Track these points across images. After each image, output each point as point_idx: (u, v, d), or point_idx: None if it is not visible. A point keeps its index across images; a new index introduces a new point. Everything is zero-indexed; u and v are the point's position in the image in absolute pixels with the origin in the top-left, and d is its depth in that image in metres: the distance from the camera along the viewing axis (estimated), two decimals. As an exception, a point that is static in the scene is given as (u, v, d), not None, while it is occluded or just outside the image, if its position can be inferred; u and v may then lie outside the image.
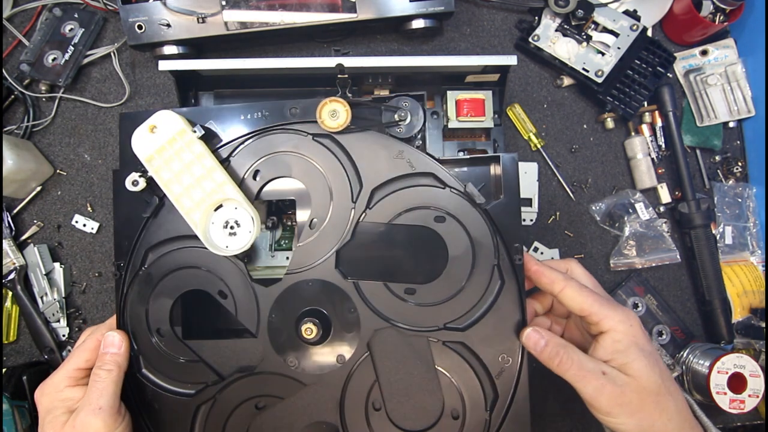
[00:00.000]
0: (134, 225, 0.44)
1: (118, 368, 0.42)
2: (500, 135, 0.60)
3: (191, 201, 0.42)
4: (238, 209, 0.42)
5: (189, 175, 0.42)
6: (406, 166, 0.42)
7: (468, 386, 0.42)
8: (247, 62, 0.53)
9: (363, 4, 0.57)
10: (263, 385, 0.43)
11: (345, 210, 0.42)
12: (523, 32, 0.65)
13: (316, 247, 0.43)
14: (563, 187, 0.65)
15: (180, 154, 0.42)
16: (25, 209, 0.61)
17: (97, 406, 0.40)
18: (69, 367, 0.42)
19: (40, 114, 0.62)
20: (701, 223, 0.62)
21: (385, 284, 0.42)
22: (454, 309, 0.42)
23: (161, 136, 0.42)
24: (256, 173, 0.44)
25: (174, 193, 0.42)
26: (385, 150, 0.43)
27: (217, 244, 0.42)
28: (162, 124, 0.42)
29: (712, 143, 0.66)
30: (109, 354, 0.42)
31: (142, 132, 0.42)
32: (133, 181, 0.43)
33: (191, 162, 0.42)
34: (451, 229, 0.42)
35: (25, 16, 0.63)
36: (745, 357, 0.57)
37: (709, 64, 0.66)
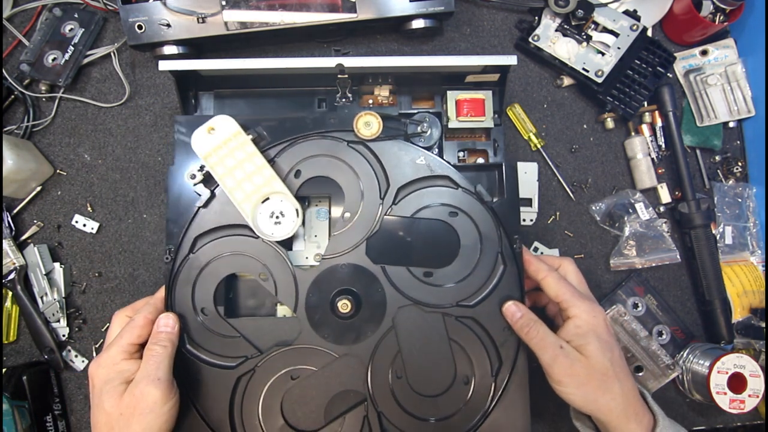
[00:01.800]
0: (185, 214, 0.49)
1: (172, 345, 0.46)
2: (500, 135, 0.60)
3: (243, 193, 0.48)
4: (284, 201, 0.49)
5: (241, 171, 0.48)
6: (426, 169, 0.50)
7: (477, 355, 0.49)
8: (247, 62, 0.53)
9: (363, 4, 0.57)
10: (299, 357, 0.48)
11: (374, 205, 0.50)
12: (523, 32, 0.65)
13: (348, 236, 0.49)
14: (563, 187, 0.65)
15: (234, 152, 0.48)
16: (25, 209, 0.61)
17: (155, 376, 0.43)
18: (123, 342, 0.45)
19: (40, 114, 0.62)
20: (701, 223, 0.62)
21: (407, 268, 0.49)
22: (465, 289, 0.49)
23: (218, 136, 0.49)
24: (297, 172, 0.50)
25: (228, 185, 0.48)
26: (409, 156, 0.51)
27: (264, 231, 0.48)
28: (220, 126, 0.49)
29: (712, 143, 0.66)
30: (165, 333, 0.46)
31: (201, 132, 0.49)
32: (192, 174, 0.49)
33: (244, 159, 0.48)
34: (463, 223, 0.50)
35: (25, 16, 0.63)
36: (745, 357, 0.57)
37: (709, 64, 0.66)
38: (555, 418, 0.61)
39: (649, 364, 0.59)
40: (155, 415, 0.42)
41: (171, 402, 0.43)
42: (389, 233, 0.50)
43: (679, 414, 0.64)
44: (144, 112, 0.63)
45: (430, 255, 0.50)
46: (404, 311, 0.49)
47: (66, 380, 0.60)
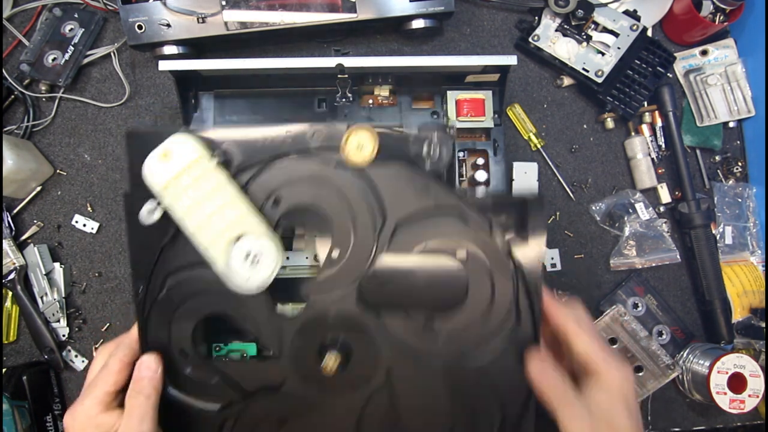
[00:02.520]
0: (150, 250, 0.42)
1: (156, 393, 0.41)
2: (500, 135, 0.60)
3: (210, 234, 0.39)
4: (261, 240, 0.40)
5: (209, 205, 0.39)
6: (432, 200, 0.41)
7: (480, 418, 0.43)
8: (247, 62, 0.53)
9: (363, 4, 0.57)
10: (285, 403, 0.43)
11: (367, 242, 0.41)
12: (523, 32, 0.65)
13: (337, 279, 0.42)
14: (563, 187, 0.65)
15: (198, 182, 0.39)
16: (25, 209, 0.61)
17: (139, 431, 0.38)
18: (98, 392, 0.40)
19: (40, 114, 0.62)
20: (701, 223, 0.62)
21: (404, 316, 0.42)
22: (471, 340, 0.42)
23: (177, 162, 0.39)
24: (276, 200, 0.42)
25: (191, 225, 0.39)
26: (411, 184, 0.41)
27: (239, 279, 0.40)
28: (176, 150, 0.39)
29: (712, 143, 0.66)
30: (147, 378, 0.41)
31: (154, 159, 0.39)
32: (149, 211, 0.41)
33: (210, 192, 0.39)
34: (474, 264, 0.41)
35: (25, 16, 0.63)
36: (745, 357, 0.57)
37: (709, 64, 0.66)
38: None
39: (649, 364, 0.59)
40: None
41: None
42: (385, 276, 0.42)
43: (679, 414, 0.64)
44: (144, 112, 0.63)
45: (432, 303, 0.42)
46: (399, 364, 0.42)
47: (66, 380, 0.60)
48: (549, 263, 0.63)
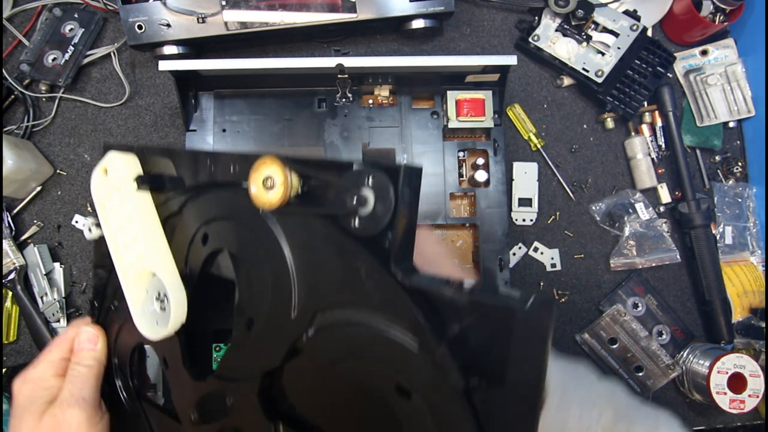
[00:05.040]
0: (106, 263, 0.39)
1: (98, 364, 0.40)
2: (500, 135, 0.60)
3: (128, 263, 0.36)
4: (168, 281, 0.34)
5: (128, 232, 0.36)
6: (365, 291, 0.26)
7: None
8: (247, 62, 0.53)
9: (363, 4, 0.57)
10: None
11: (283, 322, 0.30)
12: (523, 32, 0.65)
13: (246, 355, 0.33)
14: (563, 187, 0.65)
15: (123, 204, 0.35)
16: (25, 209, 0.61)
17: (79, 396, 0.38)
18: (53, 356, 0.40)
19: (40, 114, 0.62)
20: (701, 223, 0.62)
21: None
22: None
23: (111, 181, 0.36)
24: (205, 237, 0.34)
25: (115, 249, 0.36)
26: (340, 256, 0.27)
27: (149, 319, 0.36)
28: (112, 167, 0.36)
29: (712, 143, 0.66)
30: (86, 350, 0.40)
31: (98, 174, 0.37)
32: (89, 228, 0.39)
33: (131, 216, 0.35)
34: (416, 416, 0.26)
35: (25, 16, 0.63)
36: (745, 357, 0.57)
37: (709, 64, 0.66)
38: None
39: (649, 364, 0.59)
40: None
41: (99, 426, 0.38)
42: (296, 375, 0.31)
43: (679, 414, 0.64)
44: (144, 112, 0.63)
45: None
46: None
47: (66, 380, 0.60)
48: (549, 263, 0.63)
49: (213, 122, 0.59)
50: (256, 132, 0.59)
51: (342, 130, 0.59)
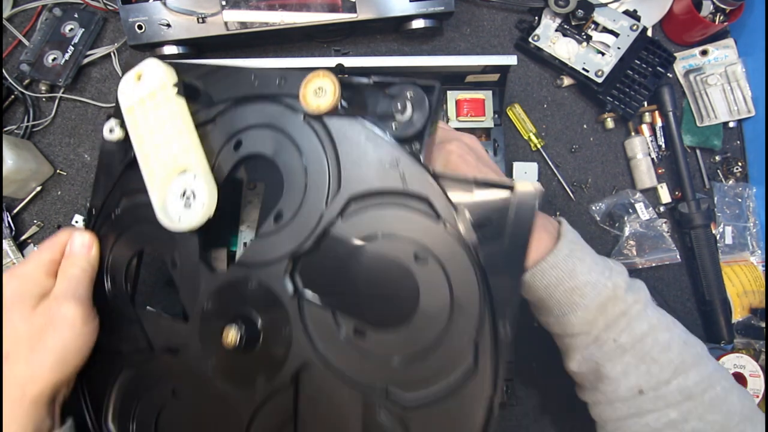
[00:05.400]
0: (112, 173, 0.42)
1: (91, 268, 0.40)
2: (500, 135, 0.60)
3: (157, 162, 0.38)
4: (197, 179, 0.37)
5: (161, 134, 0.38)
6: (398, 180, 0.33)
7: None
8: (247, 62, 0.53)
9: (363, 4, 0.57)
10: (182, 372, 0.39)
11: (315, 212, 0.35)
12: (523, 32, 0.65)
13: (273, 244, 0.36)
14: (563, 187, 0.65)
15: (158, 109, 0.38)
16: (25, 209, 0.61)
17: (75, 293, 0.38)
18: (44, 257, 0.39)
19: (40, 114, 0.62)
20: (701, 223, 0.62)
21: (333, 313, 0.34)
22: (405, 374, 0.33)
23: (145, 86, 0.39)
24: (238, 143, 0.38)
25: (143, 150, 0.38)
26: (377, 152, 0.33)
27: (172, 214, 0.38)
28: (147, 74, 0.39)
29: (712, 143, 0.66)
30: (80, 254, 0.40)
31: (129, 79, 0.39)
32: (110, 128, 0.40)
33: (165, 120, 0.38)
34: (431, 275, 0.32)
35: (25, 16, 0.63)
36: (745, 357, 0.57)
37: (709, 64, 0.66)
38: (555, 418, 0.61)
39: (649, 364, 0.59)
40: (74, 333, 0.37)
41: (91, 325, 0.38)
42: (325, 257, 0.35)
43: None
44: (144, 112, 0.63)
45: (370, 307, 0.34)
46: (312, 372, 0.35)
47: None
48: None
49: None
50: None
51: (342, 130, 0.59)
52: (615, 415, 0.42)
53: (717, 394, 0.39)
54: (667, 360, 0.40)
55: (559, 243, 0.41)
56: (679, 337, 0.41)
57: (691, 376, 0.40)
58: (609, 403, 0.42)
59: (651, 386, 0.40)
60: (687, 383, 0.39)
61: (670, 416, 0.39)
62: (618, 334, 0.40)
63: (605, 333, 0.41)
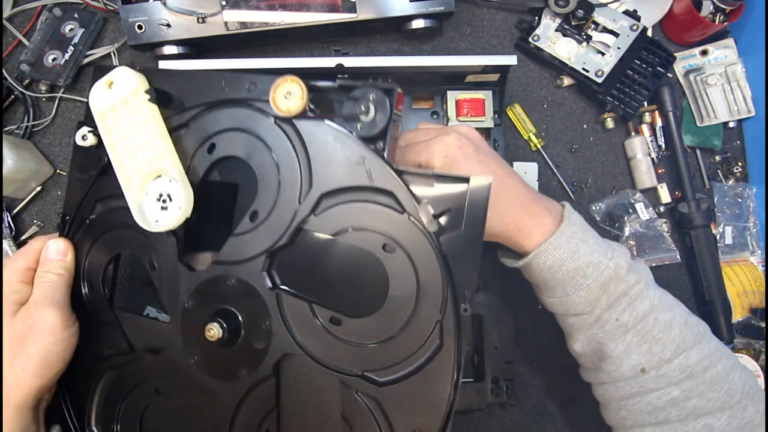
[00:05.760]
0: (85, 180, 0.42)
1: (68, 273, 0.41)
2: (500, 135, 0.60)
3: (132, 167, 0.40)
4: (173, 182, 0.39)
5: (134, 140, 0.39)
6: (365, 176, 0.36)
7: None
8: (247, 62, 0.53)
9: (363, 4, 0.57)
10: (165, 371, 0.41)
11: (289, 209, 0.37)
12: (523, 32, 0.65)
13: (250, 242, 0.38)
14: (563, 187, 0.65)
15: (130, 115, 0.39)
16: (25, 209, 0.61)
17: (53, 299, 0.39)
18: (19, 265, 0.40)
19: (40, 114, 0.62)
20: (701, 223, 0.62)
21: (309, 305, 0.37)
22: (378, 357, 0.36)
23: (117, 93, 0.40)
24: (212, 146, 0.40)
25: (117, 155, 0.40)
26: (344, 151, 0.36)
27: (149, 217, 0.40)
28: (119, 81, 0.40)
29: (712, 143, 0.66)
30: (56, 260, 0.41)
31: (101, 86, 0.41)
32: (83, 135, 0.41)
33: (138, 126, 0.39)
34: (399, 264, 0.35)
35: (25, 16, 0.63)
36: (745, 357, 0.57)
37: (709, 64, 0.66)
38: (555, 418, 0.61)
39: (649, 364, 0.59)
40: (54, 339, 0.38)
41: (71, 329, 0.39)
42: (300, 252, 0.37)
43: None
44: (144, 112, 0.63)
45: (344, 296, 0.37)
46: (292, 361, 0.37)
47: (66, 380, 0.60)
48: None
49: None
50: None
51: (342, 130, 0.59)
52: (618, 394, 0.43)
53: (718, 373, 0.40)
54: (669, 339, 0.41)
55: (562, 225, 0.42)
56: (680, 317, 0.42)
57: (693, 355, 0.40)
58: (612, 382, 0.43)
59: (653, 365, 0.41)
60: (688, 362, 0.40)
61: (672, 394, 0.40)
62: (620, 313, 0.41)
63: (607, 312, 0.42)
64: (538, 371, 0.61)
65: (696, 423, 0.40)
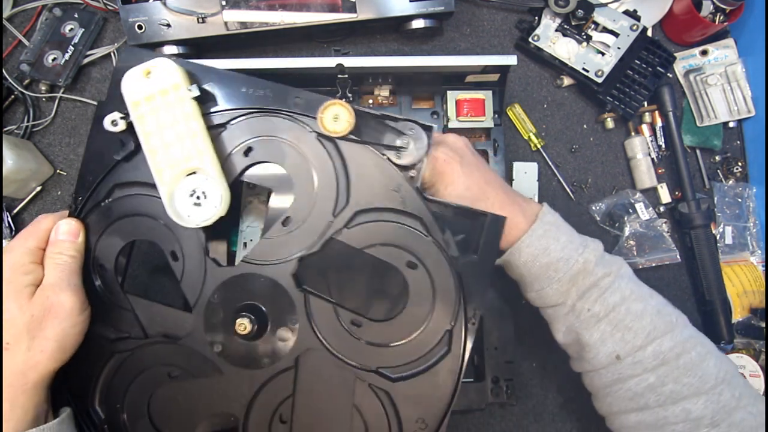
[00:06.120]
0: (104, 163, 0.42)
1: (79, 256, 0.41)
2: (500, 135, 0.60)
3: (166, 159, 0.39)
4: (209, 180, 0.40)
5: (171, 133, 0.39)
6: (399, 201, 0.40)
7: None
8: (247, 62, 0.53)
9: (363, 4, 0.57)
10: (182, 357, 0.42)
11: (323, 220, 0.41)
12: (523, 32, 0.65)
13: (281, 245, 0.41)
14: (563, 187, 0.65)
15: (169, 108, 0.39)
16: (25, 209, 0.61)
17: (69, 282, 0.39)
18: (30, 244, 0.39)
19: (40, 114, 0.62)
20: (701, 223, 0.62)
21: (334, 307, 0.41)
22: (392, 357, 0.41)
23: (155, 84, 0.40)
24: (248, 150, 0.42)
25: (151, 145, 0.39)
26: (382, 176, 0.41)
27: (180, 211, 0.40)
28: (159, 72, 0.40)
29: (712, 143, 0.66)
30: (68, 241, 0.40)
31: (136, 74, 0.40)
32: (113, 120, 0.40)
33: (177, 120, 0.39)
34: (419, 279, 0.41)
35: (25, 16, 0.63)
36: (745, 357, 0.57)
37: (709, 64, 0.66)
38: (555, 418, 0.61)
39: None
40: (71, 322, 0.38)
41: (86, 313, 0.40)
42: (329, 259, 0.41)
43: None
44: (144, 112, 0.63)
45: (368, 303, 0.41)
46: (313, 356, 0.41)
47: (66, 380, 0.60)
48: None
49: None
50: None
51: (342, 130, 0.59)
52: (601, 382, 0.46)
53: (691, 359, 0.43)
54: (640, 327, 0.44)
55: (534, 225, 0.45)
56: (653, 307, 0.45)
57: (665, 342, 0.43)
58: (594, 370, 0.46)
59: (627, 352, 0.44)
60: (661, 348, 0.43)
61: (649, 380, 0.43)
62: (591, 304, 0.44)
63: (579, 303, 0.45)
64: (538, 371, 0.61)
65: (675, 407, 0.42)
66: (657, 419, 0.43)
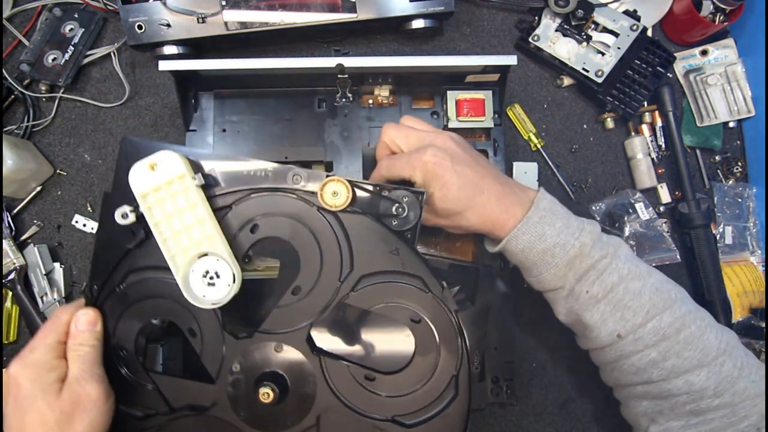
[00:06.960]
0: (115, 251, 0.44)
1: (100, 344, 0.42)
2: (500, 135, 0.60)
3: (177, 245, 0.42)
4: (220, 261, 0.42)
5: (179, 221, 0.42)
6: (398, 263, 0.44)
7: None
8: (247, 62, 0.53)
9: (363, 4, 0.57)
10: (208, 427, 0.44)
11: (330, 286, 0.44)
12: (523, 32, 0.65)
13: (293, 313, 0.44)
14: (563, 187, 0.65)
15: (175, 197, 0.42)
16: (25, 209, 0.61)
17: (93, 372, 0.40)
18: (50, 340, 0.41)
19: (40, 114, 0.62)
20: (701, 223, 0.62)
21: (347, 365, 0.44)
22: (405, 405, 0.44)
23: (160, 175, 0.42)
24: (255, 227, 0.44)
25: (162, 234, 0.42)
26: (382, 242, 0.44)
27: (195, 293, 0.42)
28: (163, 164, 0.42)
29: (712, 143, 0.66)
30: (87, 332, 0.42)
31: (141, 167, 0.42)
32: (123, 214, 0.42)
33: (184, 208, 0.42)
34: (423, 332, 0.44)
35: (25, 16, 0.63)
36: (745, 357, 0.57)
37: (709, 64, 0.66)
38: (555, 418, 0.61)
39: (649, 364, 0.59)
40: (99, 412, 0.40)
41: (111, 400, 0.41)
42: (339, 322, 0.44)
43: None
44: (144, 112, 0.63)
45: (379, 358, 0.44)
46: (332, 413, 0.43)
47: (66, 380, 0.60)
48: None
49: (213, 122, 0.59)
50: (256, 132, 0.59)
51: (342, 130, 0.59)
52: (606, 358, 0.47)
53: (692, 333, 0.44)
54: (639, 305, 0.44)
55: (529, 212, 0.46)
56: (651, 285, 0.46)
57: (665, 318, 0.44)
58: (599, 348, 0.47)
59: (627, 330, 0.45)
60: (661, 324, 0.44)
61: (651, 356, 0.44)
62: (589, 286, 0.45)
63: (578, 286, 0.46)
64: (538, 371, 0.61)
65: (677, 380, 0.43)
66: (661, 391, 0.44)
